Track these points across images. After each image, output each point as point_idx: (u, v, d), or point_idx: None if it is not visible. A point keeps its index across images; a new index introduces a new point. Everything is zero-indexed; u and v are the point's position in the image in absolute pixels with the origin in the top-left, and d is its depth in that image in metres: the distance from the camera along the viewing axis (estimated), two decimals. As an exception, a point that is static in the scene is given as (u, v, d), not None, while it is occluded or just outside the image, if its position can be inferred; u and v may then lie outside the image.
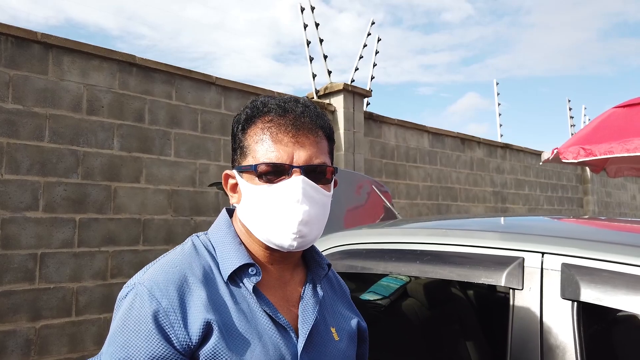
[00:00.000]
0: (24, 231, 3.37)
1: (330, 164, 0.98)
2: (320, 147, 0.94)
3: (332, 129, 1.01)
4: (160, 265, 0.90)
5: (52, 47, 3.58)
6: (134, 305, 0.83)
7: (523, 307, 1.25)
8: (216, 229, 0.98)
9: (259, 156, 0.91)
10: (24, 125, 3.42)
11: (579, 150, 3.92)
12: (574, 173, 10.29)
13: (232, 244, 0.94)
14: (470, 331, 2.46)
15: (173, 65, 4.22)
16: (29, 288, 3.37)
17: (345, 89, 5.63)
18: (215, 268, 0.91)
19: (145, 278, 0.87)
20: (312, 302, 0.96)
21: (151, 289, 0.84)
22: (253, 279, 0.91)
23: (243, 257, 0.92)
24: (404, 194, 6.47)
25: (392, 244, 1.65)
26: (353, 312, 1.11)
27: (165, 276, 0.86)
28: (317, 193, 0.92)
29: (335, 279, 1.15)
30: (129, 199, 3.90)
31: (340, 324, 1.03)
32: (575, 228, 1.67)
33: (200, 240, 0.97)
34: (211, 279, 0.89)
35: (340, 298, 1.11)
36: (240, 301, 0.89)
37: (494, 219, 1.99)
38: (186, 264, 0.89)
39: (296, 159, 0.90)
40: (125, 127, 3.92)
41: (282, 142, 0.91)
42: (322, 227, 0.97)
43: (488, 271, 1.35)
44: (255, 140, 0.93)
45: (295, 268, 1.02)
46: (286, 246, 0.91)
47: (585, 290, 1.16)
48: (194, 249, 0.94)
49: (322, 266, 1.04)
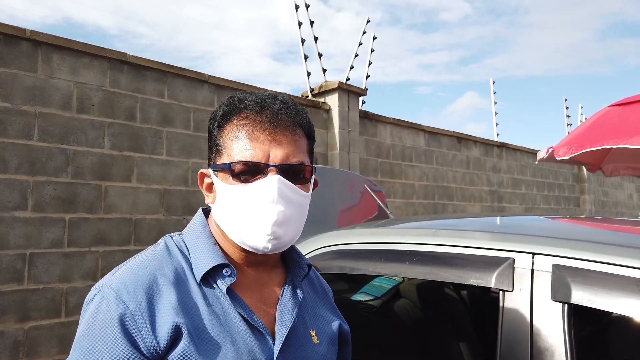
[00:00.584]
0: (13, 231, 3.32)
1: (310, 163, 0.95)
2: (299, 146, 0.91)
3: (312, 127, 0.98)
4: (130, 266, 0.86)
5: (42, 44, 3.53)
6: (100, 308, 0.80)
7: (513, 309, 1.22)
8: (191, 229, 0.95)
9: (234, 154, 0.88)
10: (12, 123, 3.37)
11: (572, 147, 3.90)
12: (570, 172, 10.28)
13: (206, 244, 0.91)
14: (463, 332, 2.43)
15: (165, 63, 4.17)
16: (18, 289, 3.32)
17: (340, 87, 5.60)
18: (188, 269, 0.88)
19: (113, 280, 0.83)
20: (290, 303, 0.93)
21: (118, 292, 0.80)
22: (227, 280, 0.87)
23: (217, 258, 0.88)
24: (400, 193, 6.44)
25: (381, 244, 1.62)
26: (335, 314, 1.07)
27: (133, 278, 0.83)
28: (294, 193, 0.89)
29: (317, 280, 1.12)
30: (120, 199, 3.85)
31: (321, 326, 1.00)
32: (567, 228, 1.63)
33: (173, 240, 0.93)
34: (183, 281, 0.86)
35: (322, 300, 1.07)
36: (214, 303, 0.85)
37: (485, 219, 1.96)
38: (157, 265, 0.86)
39: (272, 158, 0.87)
40: (116, 125, 3.88)
41: (258, 139, 0.88)
42: (300, 228, 0.93)
43: (478, 272, 1.32)
44: (231, 137, 0.90)
45: (273, 269, 0.98)
46: (260, 248, 0.88)
47: (576, 292, 1.13)
48: (167, 250, 0.90)
49: (302, 267, 1.01)
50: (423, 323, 2.36)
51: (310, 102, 5.53)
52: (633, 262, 1.10)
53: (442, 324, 2.42)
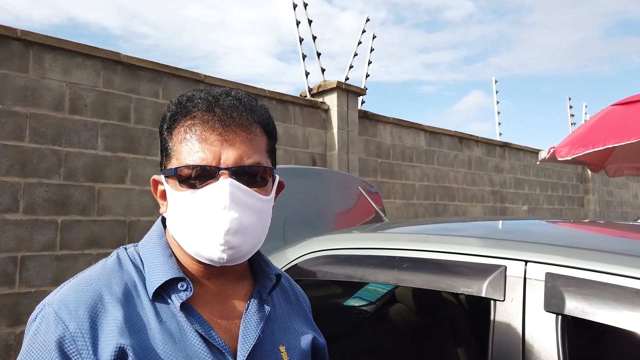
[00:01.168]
0: (4, 234, 3.27)
1: (271, 164, 0.87)
2: (255, 145, 0.83)
3: (271, 123, 0.90)
4: (74, 283, 0.80)
5: (33, 44, 3.48)
6: (39, 330, 0.74)
7: (504, 320, 1.16)
8: (147, 241, 0.88)
9: (183, 158, 0.81)
10: (3, 124, 3.32)
11: (574, 148, 3.82)
12: (574, 172, 10.17)
13: (160, 256, 0.84)
14: (461, 338, 2.37)
15: (159, 63, 4.12)
16: (9, 292, 3.27)
17: (338, 87, 5.53)
18: (141, 284, 0.81)
19: (55, 299, 0.77)
20: (255, 318, 0.86)
21: (59, 311, 0.74)
22: (182, 295, 0.80)
23: (171, 271, 0.81)
24: (400, 194, 6.36)
25: (371, 250, 1.56)
26: (309, 327, 1.00)
27: (76, 295, 0.76)
28: (250, 198, 0.82)
29: (291, 290, 1.04)
30: (114, 200, 3.80)
31: (292, 341, 0.92)
32: (562, 234, 1.56)
33: (127, 253, 0.86)
34: (133, 297, 0.79)
35: (296, 311, 1.00)
36: (168, 320, 0.78)
37: (478, 223, 1.90)
38: (104, 281, 0.79)
39: (224, 160, 0.80)
40: (109, 126, 3.83)
41: (207, 141, 0.80)
42: (260, 236, 0.86)
43: (468, 280, 1.25)
44: (180, 140, 0.82)
45: (239, 281, 0.91)
46: (215, 259, 0.81)
47: (570, 302, 1.07)
48: (118, 264, 0.84)
49: (270, 277, 0.93)
50: (419, 329, 2.29)
51: (308, 102, 5.47)
52: (632, 272, 1.03)
53: (439, 329, 2.36)
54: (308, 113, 5.42)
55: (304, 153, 5.29)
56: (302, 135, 5.31)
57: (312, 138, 5.40)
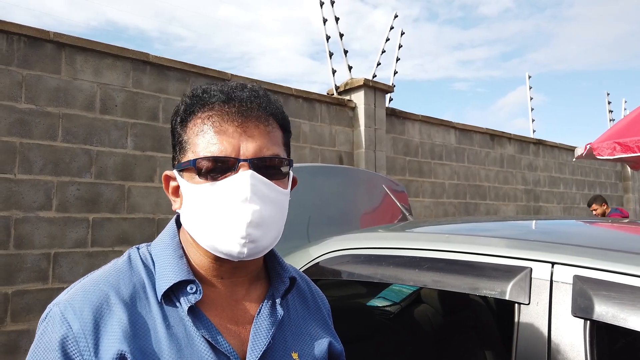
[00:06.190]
0: (37, 231, 3.38)
1: (287, 157, 0.85)
2: (273, 138, 0.81)
3: (286, 118, 0.87)
4: (83, 283, 0.79)
5: (65, 46, 3.58)
6: (46, 329, 0.74)
7: (529, 324, 1.11)
8: (159, 241, 0.86)
9: (200, 150, 0.78)
10: (37, 125, 3.43)
11: (614, 146, 3.66)
12: (613, 170, 9.80)
13: (171, 257, 0.82)
14: (488, 340, 2.30)
15: (187, 63, 4.17)
16: (43, 288, 3.38)
17: (365, 84, 5.48)
18: (150, 286, 0.79)
19: (63, 299, 0.76)
20: (267, 322, 0.82)
21: (64, 311, 0.73)
22: (191, 298, 0.77)
23: (181, 273, 0.79)
24: (429, 193, 6.26)
25: (392, 250, 1.52)
26: (327, 332, 0.95)
27: (83, 296, 0.75)
28: (270, 190, 0.79)
29: (310, 293, 1.00)
30: (143, 199, 3.87)
31: (306, 347, 0.88)
32: (592, 234, 1.48)
33: (139, 253, 0.84)
34: (141, 300, 0.77)
35: (313, 316, 0.96)
36: (175, 325, 0.76)
37: (504, 223, 1.83)
38: (112, 282, 0.78)
39: (243, 152, 0.77)
40: (139, 125, 3.90)
41: (226, 132, 0.78)
42: (279, 230, 0.83)
43: (491, 282, 1.20)
44: (196, 132, 0.80)
45: (253, 283, 0.88)
46: (235, 253, 0.78)
47: (599, 307, 1.01)
48: (128, 264, 0.82)
49: (284, 280, 0.89)
50: (445, 330, 2.24)
51: (335, 100, 5.44)
52: (666, 275, 0.96)
53: (466, 331, 2.29)
54: (335, 111, 5.39)
55: (330, 151, 5.26)
56: (329, 133, 5.28)
57: (339, 136, 5.37)
